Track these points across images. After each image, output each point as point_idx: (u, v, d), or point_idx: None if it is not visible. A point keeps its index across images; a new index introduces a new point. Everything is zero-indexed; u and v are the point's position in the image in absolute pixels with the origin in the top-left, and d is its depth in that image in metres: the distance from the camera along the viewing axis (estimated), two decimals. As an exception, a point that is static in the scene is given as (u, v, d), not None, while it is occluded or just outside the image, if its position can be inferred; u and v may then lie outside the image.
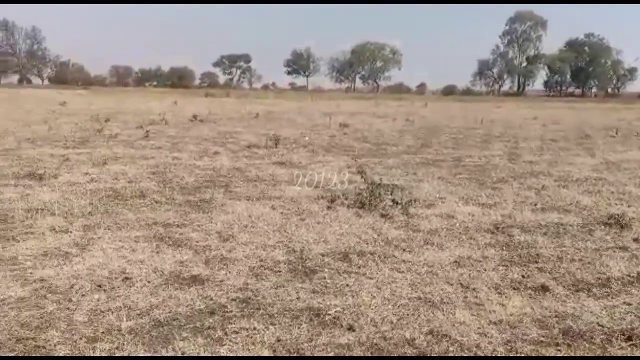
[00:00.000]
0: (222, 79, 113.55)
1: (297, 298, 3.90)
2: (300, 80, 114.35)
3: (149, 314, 3.54)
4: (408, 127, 20.50)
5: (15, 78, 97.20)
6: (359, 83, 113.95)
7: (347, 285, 4.18)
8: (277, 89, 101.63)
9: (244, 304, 3.76)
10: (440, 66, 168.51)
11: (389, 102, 49.66)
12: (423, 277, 4.39)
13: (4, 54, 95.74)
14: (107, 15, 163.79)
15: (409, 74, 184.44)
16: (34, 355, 3.01)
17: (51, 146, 11.90)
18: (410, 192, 7.43)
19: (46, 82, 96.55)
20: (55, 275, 4.18)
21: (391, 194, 6.69)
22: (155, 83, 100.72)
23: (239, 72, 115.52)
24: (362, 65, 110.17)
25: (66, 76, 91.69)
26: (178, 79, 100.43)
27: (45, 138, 13.32)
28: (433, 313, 3.70)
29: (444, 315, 3.67)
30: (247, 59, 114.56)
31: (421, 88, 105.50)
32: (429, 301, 3.91)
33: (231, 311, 3.63)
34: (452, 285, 4.24)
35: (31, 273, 4.21)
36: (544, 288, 4.21)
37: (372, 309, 3.73)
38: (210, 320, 3.48)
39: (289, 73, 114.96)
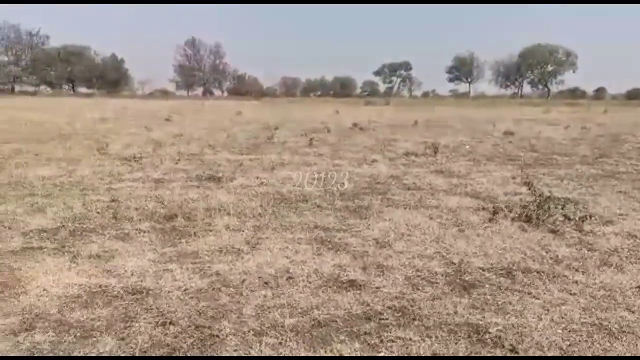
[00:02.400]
0: (382, 87, 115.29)
1: (455, 312, 3.78)
2: (462, 87, 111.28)
3: (309, 314, 3.71)
4: (583, 136, 18.70)
5: (199, 90, 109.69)
6: (527, 88, 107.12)
7: (510, 303, 3.94)
8: (437, 96, 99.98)
9: (399, 313, 3.75)
10: (623, 67, 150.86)
11: (561, 108, 45.81)
12: (599, 302, 3.96)
13: (192, 69, 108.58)
14: (277, 30, 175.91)
15: (585, 78, 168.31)
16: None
17: (228, 152, 13.13)
18: (584, 206, 6.77)
19: (225, 93, 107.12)
20: (229, 270, 4.59)
21: (562, 208, 6.16)
22: (319, 93, 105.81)
23: (399, 80, 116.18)
24: (531, 69, 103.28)
25: (242, 88, 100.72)
26: (340, 88, 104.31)
27: (223, 144, 14.75)
28: (610, 342, 3.33)
29: (623, 346, 3.28)
30: (407, 67, 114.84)
31: (599, 92, 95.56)
32: (606, 328, 3.52)
33: (387, 319, 3.65)
34: (634, 312, 3.77)
35: (209, 267, 4.68)
36: None
37: (537, 331, 3.47)
38: (367, 326, 3.54)
39: (450, 80, 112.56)
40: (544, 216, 6.13)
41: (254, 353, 3.19)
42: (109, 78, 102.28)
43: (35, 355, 3.17)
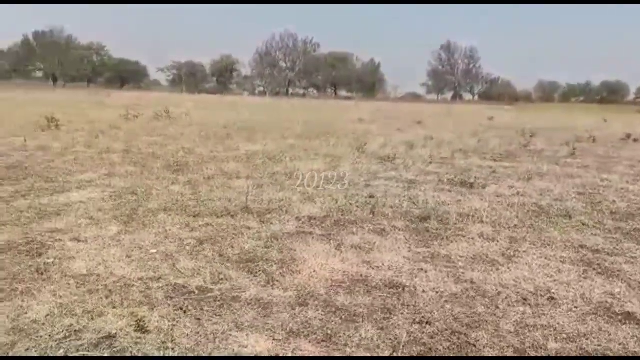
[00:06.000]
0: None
1: None
2: None
3: (576, 342, 3.37)
4: None
5: (449, 94, 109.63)
6: None
7: None
8: None
9: (695, 363, 3.14)
10: None
11: None
12: None
13: (444, 73, 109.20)
14: (535, 30, 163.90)
15: None
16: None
17: (479, 157, 12.80)
18: None
19: (475, 97, 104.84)
20: (483, 279, 4.47)
21: None
22: (582, 98, 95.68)
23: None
24: None
25: (493, 92, 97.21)
26: (608, 94, 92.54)
27: (474, 150, 14.43)
28: None
29: None
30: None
31: None
32: None
33: (678, 366, 3.10)
34: None
35: (462, 273, 4.63)
36: None
37: None
38: (651, 369, 3.06)
39: None
40: None
41: (513, 371, 3.04)
42: (366, 82, 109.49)
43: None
